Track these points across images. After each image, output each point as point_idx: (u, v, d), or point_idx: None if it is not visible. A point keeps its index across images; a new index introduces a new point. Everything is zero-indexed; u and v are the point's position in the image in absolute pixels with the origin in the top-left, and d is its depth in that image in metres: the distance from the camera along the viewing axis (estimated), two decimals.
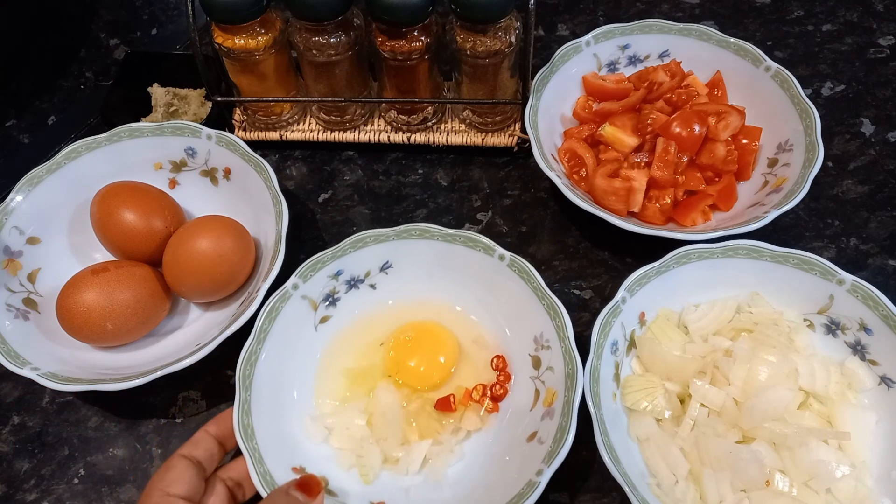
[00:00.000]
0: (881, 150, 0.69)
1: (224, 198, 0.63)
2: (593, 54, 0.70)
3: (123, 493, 0.53)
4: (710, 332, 0.54)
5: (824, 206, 0.65)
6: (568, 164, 0.65)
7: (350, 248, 0.57)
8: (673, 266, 0.54)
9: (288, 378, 0.54)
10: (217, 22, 0.61)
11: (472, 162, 0.70)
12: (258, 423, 0.50)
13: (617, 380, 0.52)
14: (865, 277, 0.52)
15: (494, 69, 0.63)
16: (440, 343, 0.56)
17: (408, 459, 0.51)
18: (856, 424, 0.49)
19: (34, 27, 0.81)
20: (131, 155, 0.63)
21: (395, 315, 0.58)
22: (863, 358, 0.52)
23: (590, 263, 0.63)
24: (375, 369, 0.56)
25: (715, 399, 0.49)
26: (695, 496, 0.47)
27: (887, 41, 0.77)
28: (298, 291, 0.55)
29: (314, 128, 0.71)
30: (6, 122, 0.76)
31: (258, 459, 0.48)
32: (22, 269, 0.59)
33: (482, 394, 0.54)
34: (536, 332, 0.54)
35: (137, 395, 0.53)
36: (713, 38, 0.68)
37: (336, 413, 0.53)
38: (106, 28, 0.83)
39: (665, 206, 0.60)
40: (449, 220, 0.66)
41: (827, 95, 0.73)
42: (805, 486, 0.47)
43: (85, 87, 0.79)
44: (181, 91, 0.73)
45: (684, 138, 0.60)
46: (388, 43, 0.61)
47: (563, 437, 0.47)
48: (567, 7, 0.82)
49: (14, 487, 0.54)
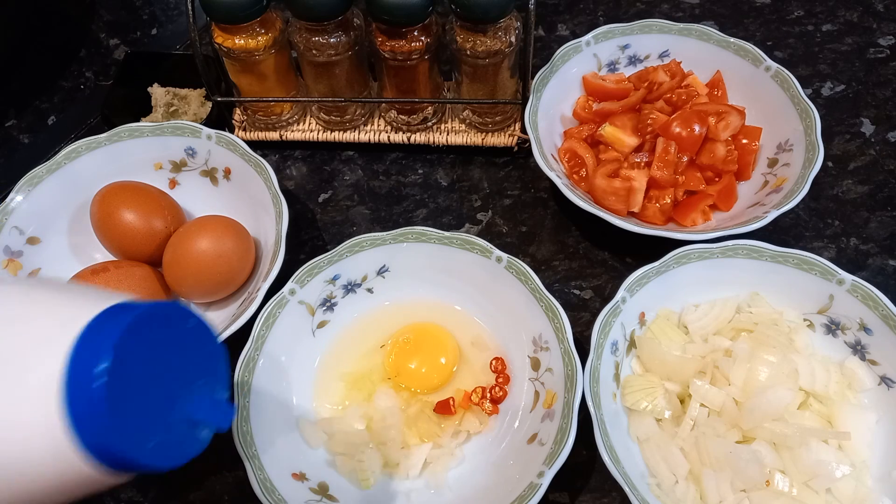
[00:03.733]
0: (881, 150, 0.69)
1: (224, 198, 0.63)
2: (593, 54, 0.70)
3: (123, 493, 0.53)
4: (710, 332, 0.54)
5: (824, 206, 0.65)
6: (568, 164, 0.65)
7: (347, 253, 0.57)
8: (673, 266, 0.54)
9: (286, 384, 0.54)
10: (217, 22, 0.61)
11: (472, 162, 0.70)
12: (257, 430, 0.50)
13: (617, 380, 0.52)
14: (865, 277, 0.52)
15: (494, 69, 0.63)
16: (440, 344, 0.56)
17: (408, 463, 0.51)
18: (856, 424, 0.49)
19: (34, 27, 0.81)
20: (131, 155, 0.63)
21: (392, 319, 0.58)
22: (863, 358, 0.52)
23: (590, 263, 0.63)
24: (374, 373, 0.56)
25: (715, 399, 0.49)
26: (695, 496, 0.47)
27: (887, 41, 0.77)
28: (295, 297, 0.55)
29: (314, 128, 0.71)
30: (6, 122, 0.76)
31: (258, 466, 0.48)
32: (22, 269, 0.59)
33: (481, 396, 0.54)
34: (535, 333, 0.54)
35: None
36: (713, 38, 0.68)
37: (335, 418, 0.53)
38: (106, 28, 0.83)
39: (665, 206, 0.60)
40: (449, 220, 0.66)
41: (827, 95, 0.73)
42: (805, 486, 0.47)
43: (85, 87, 0.79)
44: (181, 91, 0.73)
45: (684, 138, 0.60)
46: (388, 43, 0.61)
47: (564, 439, 0.47)
48: (567, 7, 0.82)
49: None
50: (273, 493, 0.47)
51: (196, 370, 0.32)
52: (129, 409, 0.27)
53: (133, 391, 0.27)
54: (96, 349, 0.26)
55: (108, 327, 0.27)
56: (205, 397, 0.32)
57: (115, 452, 0.26)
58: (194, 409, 0.31)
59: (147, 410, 0.28)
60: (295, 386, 0.54)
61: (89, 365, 0.26)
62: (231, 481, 0.53)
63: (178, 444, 0.30)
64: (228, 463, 0.53)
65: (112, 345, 0.26)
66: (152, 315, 0.29)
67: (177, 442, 0.30)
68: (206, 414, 0.31)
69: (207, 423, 0.32)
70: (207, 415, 0.31)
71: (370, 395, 0.54)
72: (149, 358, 0.28)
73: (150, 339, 0.28)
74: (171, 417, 0.30)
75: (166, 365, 0.30)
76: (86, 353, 0.26)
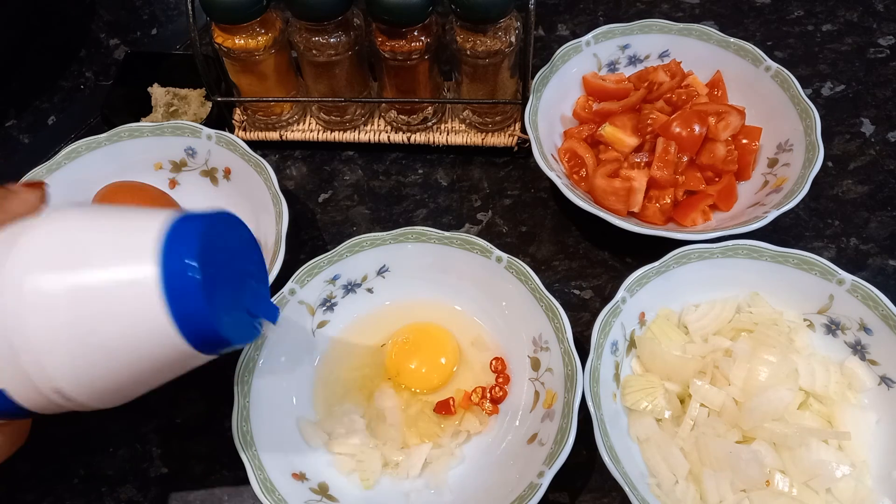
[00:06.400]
0: (881, 150, 0.69)
1: (224, 198, 0.63)
2: (593, 54, 0.70)
3: (123, 493, 0.53)
4: (710, 332, 0.54)
5: (824, 206, 0.65)
6: (568, 164, 0.65)
7: (346, 253, 0.57)
8: (673, 266, 0.54)
9: (286, 384, 0.54)
10: (217, 22, 0.61)
11: (472, 162, 0.70)
12: (257, 430, 0.50)
13: (617, 380, 0.52)
14: (865, 277, 0.52)
15: (494, 69, 0.63)
16: (440, 344, 0.56)
17: (408, 463, 0.51)
18: (856, 424, 0.49)
19: (34, 27, 0.81)
20: (131, 155, 0.63)
21: (392, 319, 0.58)
22: (863, 358, 0.52)
23: (590, 263, 0.63)
24: (374, 374, 0.55)
25: (715, 399, 0.49)
26: (695, 496, 0.47)
27: (887, 41, 0.77)
28: (295, 297, 0.55)
29: (314, 128, 0.71)
30: (6, 122, 0.76)
31: (258, 466, 0.48)
32: None
33: (481, 396, 0.54)
34: (535, 333, 0.53)
35: None
36: (713, 38, 0.68)
37: (335, 418, 0.53)
38: (106, 28, 0.83)
39: (665, 206, 0.60)
40: (449, 220, 0.66)
41: (827, 95, 0.73)
42: (805, 486, 0.47)
43: (85, 87, 0.79)
44: (181, 91, 0.73)
45: (684, 138, 0.60)
46: (388, 43, 0.61)
47: (564, 439, 0.47)
48: (567, 7, 0.82)
49: (14, 487, 0.54)
50: (273, 493, 0.47)
51: (248, 271, 0.38)
52: (210, 291, 0.32)
53: (211, 278, 0.32)
54: (187, 240, 0.32)
55: (190, 224, 0.33)
56: (256, 295, 0.38)
57: (203, 325, 0.32)
58: (250, 303, 0.37)
59: (222, 296, 0.34)
60: (295, 386, 0.54)
61: (181, 254, 0.31)
62: (231, 481, 0.53)
63: (244, 327, 0.36)
64: (228, 463, 0.53)
65: (198, 236, 0.32)
66: (220, 219, 0.36)
67: (243, 325, 0.36)
68: (258, 308, 0.38)
69: (260, 315, 0.38)
70: (259, 309, 0.38)
71: (370, 395, 0.54)
72: (219, 255, 0.34)
73: (218, 240, 0.35)
74: (237, 305, 0.36)
75: (230, 263, 0.36)
76: (178, 243, 0.32)
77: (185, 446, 0.55)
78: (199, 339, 0.32)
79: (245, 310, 0.37)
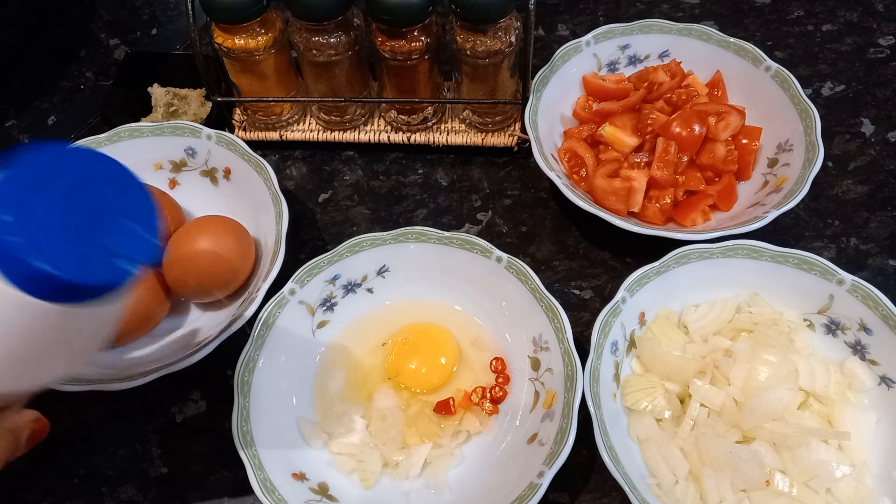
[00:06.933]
0: (881, 150, 0.69)
1: (224, 198, 0.63)
2: (593, 54, 0.70)
3: (123, 493, 0.53)
4: (710, 332, 0.54)
5: (824, 206, 0.65)
6: (568, 164, 0.65)
7: (347, 253, 0.57)
8: (673, 266, 0.54)
9: (286, 384, 0.54)
10: (217, 22, 0.61)
11: (472, 162, 0.70)
12: (257, 430, 0.50)
13: (617, 380, 0.52)
14: (865, 277, 0.52)
15: (494, 69, 0.63)
16: (440, 344, 0.56)
17: (408, 463, 0.51)
18: (856, 424, 0.49)
19: (34, 27, 0.81)
20: (131, 155, 0.63)
21: (392, 319, 0.58)
22: (863, 358, 0.52)
23: (590, 263, 0.63)
24: (374, 373, 0.56)
25: (715, 399, 0.49)
26: (695, 496, 0.47)
27: (887, 41, 0.77)
28: (295, 297, 0.55)
29: (314, 128, 0.71)
30: (6, 122, 0.76)
31: (258, 466, 0.48)
32: None
33: (481, 396, 0.54)
34: (535, 333, 0.54)
35: (137, 395, 0.53)
36: (713, 38, 0.68)
37: (335, 418, 0.53)
38: (106, 28, 0.83)
39: (665, 206, 0.60)
40: (449, 220, 0.66)
41: (827, 95, 0.73)
42: (805, 486, 0.47)
43: (85, 87, 0.79)
44: (181, 91, 0.73)
45: (684, 138, 0.60)
46: (388, 43, 0.61)
47: (564, 439, 0.47)
48: (567, 7, 0.82)
49: (14, 487, 0.54)
50: (273, 493, 0.47)
51: (118, 209, 0.36)
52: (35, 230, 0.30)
53: (38, 217, 0.30)
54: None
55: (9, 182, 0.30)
56: (127, 234, 0.36)
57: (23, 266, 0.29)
58: (118, 243, 0.35)
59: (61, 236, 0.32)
60: (295, 386, 0.54)
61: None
62: (231, 481, 0.53)
63: (99, 267, 0.34)
64: (228, 463, 0.53)
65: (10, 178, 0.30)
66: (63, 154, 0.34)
67: (98, 266, 0.34)
68: (128, 248, 0.36)
69: (127, 255, 0.36)
70: (127, 247, 0.36)
71: (370, 395, 0.54)
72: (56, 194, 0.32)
73: (61, 178, 0.33)
74: (91, 244, 0.34)
75: (79, 200, 0.34)
76: None
77: (185, 446, 0.55)
78: (28, 282, 0.30)
79: (108, 249, 0.35)
